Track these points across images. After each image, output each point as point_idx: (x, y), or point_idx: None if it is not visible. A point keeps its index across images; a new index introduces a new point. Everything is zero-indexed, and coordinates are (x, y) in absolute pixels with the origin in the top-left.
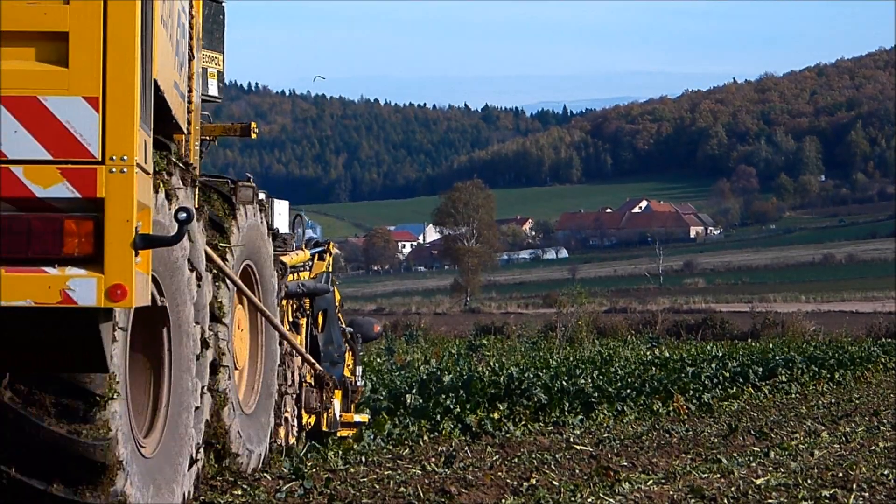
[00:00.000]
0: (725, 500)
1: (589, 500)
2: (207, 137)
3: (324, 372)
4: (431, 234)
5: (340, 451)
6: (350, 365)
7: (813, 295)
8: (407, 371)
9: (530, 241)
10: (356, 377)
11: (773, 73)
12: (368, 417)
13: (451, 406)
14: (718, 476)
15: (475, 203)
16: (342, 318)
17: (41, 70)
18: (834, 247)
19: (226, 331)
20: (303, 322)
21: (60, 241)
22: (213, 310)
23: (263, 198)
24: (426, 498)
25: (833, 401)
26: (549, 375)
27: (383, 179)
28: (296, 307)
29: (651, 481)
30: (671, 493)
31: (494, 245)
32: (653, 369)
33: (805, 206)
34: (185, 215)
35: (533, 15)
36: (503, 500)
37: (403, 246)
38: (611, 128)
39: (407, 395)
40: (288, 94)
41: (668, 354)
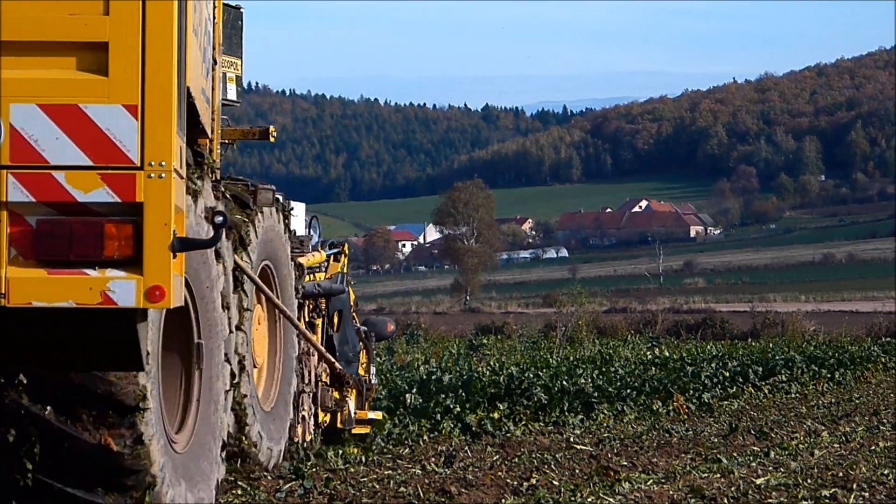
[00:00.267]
0: (725, 500)
1: (589, 499)
2: (226, 141)
3: (343, 370)
4: (431, 234)
5: (342, 451)
6: (364, 364)
7: (813, 295)
8: (407, 371)
9: (530, 240)
10: (370, 375)
11: (773, 73)
12: (382, 415)
13: (451, 406)
14: (718, 476)
15: (475, 203)
16: (356, 317)
17: (82, 79)
18: (834, 247)
19: (244, 336)
20: (318, 322)
21: (101, 244)
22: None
23: (281, 200)
24: (426, 498)
25: (833, 400)
26: (549, 375)
27: (383, 179)
28: (312, 307)
29: (651, 481)
30: (671, 492)
31: (494, 245)
32: (653, 369)
33: (805, 205)
34: (221, 219)
35: (533, 15)
36: (503, 500)
37: (403, 246)
38: (611, 128)
39: (407, 395)
40: (288, 94)
41: (668, 354)
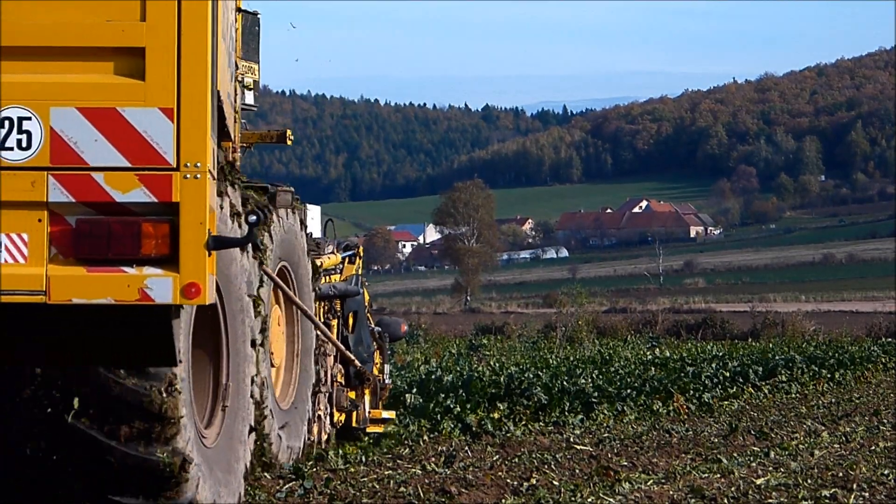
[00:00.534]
0: (725, 500)
1: (589, 499)
2: (244, 144)
3: (364, 368)
4: (431, 234)
5: (342, 451)
6: (378, 364)
7: (813, 295)
8: (407, 371)
9: (530, 240)
10: (384, 375)
11: (773, 73)
12: (395, 414)
13: (451, 406)
14: (718, 476)
15: (475, 203)
16: (370, 318)
17: (120, 83)
18: (834, 247)
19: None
20: (334, 323)
21: (138, 242)
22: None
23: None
24: (426, 498)
25: (833, 401)
26: (549, 375)
27: (383, 179)
28: (327, 309)
29: (651, 481)
30: (671, 492)
31: (494, 245)
32: (653, 369)
33: (805, 205)
34: (255, 218)
35: (533, 15)
36: (503, 500)
37: (403, 246)
38: (611, 128)
39: (407, 395)
40: (288, 94)
41: (668, 354)
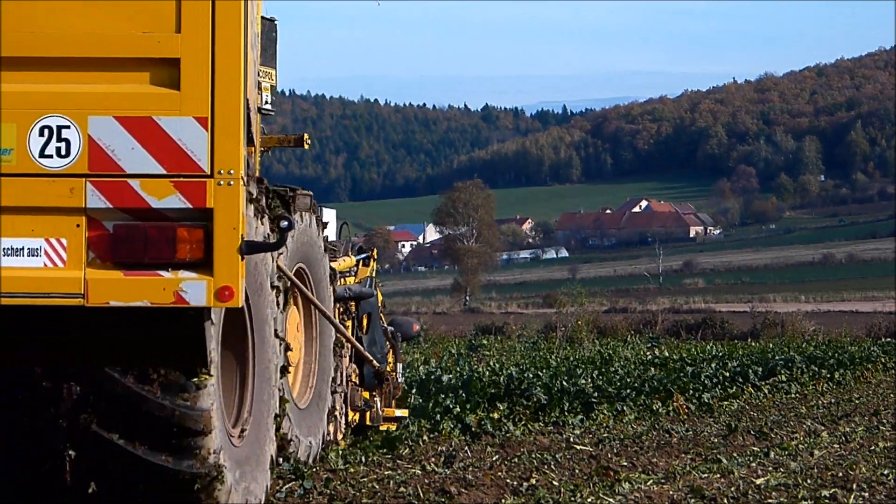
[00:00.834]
0: (725, 500)
1: (589, 499)
2: (263, 148)
3: (383, 368)
4: (431, 234)
5: (340, 452)
6: (391, 363)
7: (813, 295)
8: (407, 371)
9: (530, 240)
10: (397, 374)
11: (773, 73)
12: (408, 413)
13: (451, 406)
14: (718, 476)
15: (475, 203)
16: (383, 318)
17: (155, 92)
18: (834, 247)
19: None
20: (348, 324)
21: (174, 247)
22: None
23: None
24: (426, 498)
25: (833, 401)
26: (548, 375)
27: (383, 179)
28: (342, 310)
29: (651, 481)
30: (671, 492)
31: (494, 245)
32: (653, 369)
33: (805, 205)
34: (286, 223)
35: (533, 15)
36: (503, 500)
37: (403, 246)
38: (611, 128)
39: (407, 395)
40: (288, 94)
41: (667, 354)
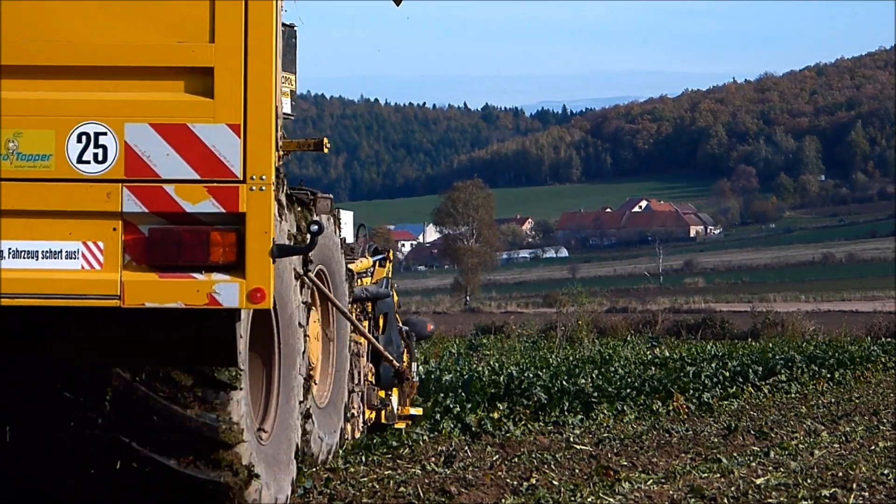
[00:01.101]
0: (725, 500)
1: (589, 499)
2: (284, 152)
3: (402, 368)
4: (431, 234)
5: (341, 451)
6: (406, 362)
7: (813, 294)
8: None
9: (530, 240)
10: (412, 373)
11: (773, 73)
12: (423, 411)
13: (451, 406)
14: (718, 476)
15: (475, 202)
16: (398, 317)
17: (190, 100)
18: (834, 246)
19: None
20: (365, 324)
21: (207, 250)
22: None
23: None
24: (426, 498)
25: (833, 400)
26: (548, 375)
27: (383, 179)
28: (359, 311)
29: (651, 481)
30: (671, 492)
31: (494, 244)
32: (653, 369)
33: (805, 205)
34: (317, 227)
35: (533, 15)
36: (503, 500)
37: (403, 245)
38: (611, 127)
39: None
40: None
41: (667, 354)
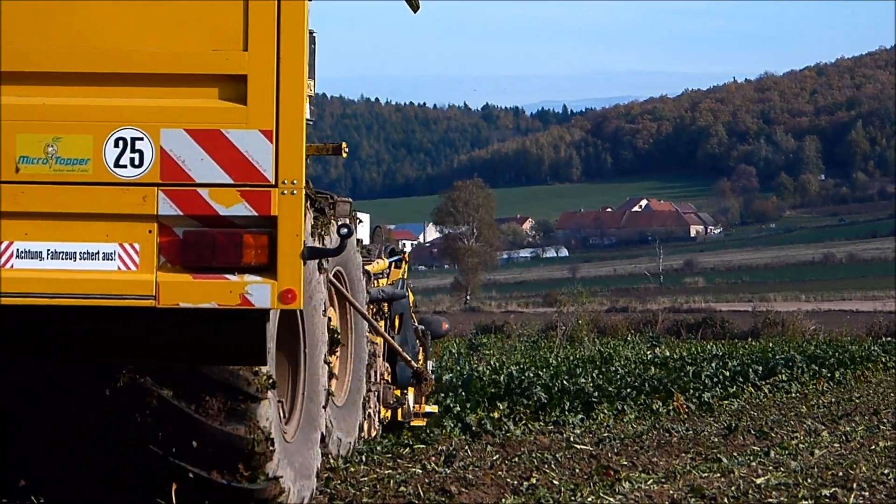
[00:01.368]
0: (725, 500)
1: (589, 499)
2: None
3: (421, 368)
4: (431, 234)
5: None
6: (422, 361)
7: (813, 294)
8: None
9: (530, 240)
10: (428, 372)
11: (773, 73)
12: (438, 409)
13: (451, 405)
14: (718, 475)
15: (475, 202)
16: (414, 317)
17: (223, 107)
18: (834, 246)
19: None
20: (380, 325)
21: (240, 252)
22: None
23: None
24: (426, 497)
25: (833, 400)
26: (549, 375)
27: (383, 178)
28: (375, 311)
29: (651, 480)
30: (671, 492)
31: (494, 244)
32: (653, 368)
33: (805, 205)
34: (346, 231)
35: (533, 15)
36: (503, 500)
37: (404, 245)
38: (611, 127)
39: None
40: None
41: (668, 353)
